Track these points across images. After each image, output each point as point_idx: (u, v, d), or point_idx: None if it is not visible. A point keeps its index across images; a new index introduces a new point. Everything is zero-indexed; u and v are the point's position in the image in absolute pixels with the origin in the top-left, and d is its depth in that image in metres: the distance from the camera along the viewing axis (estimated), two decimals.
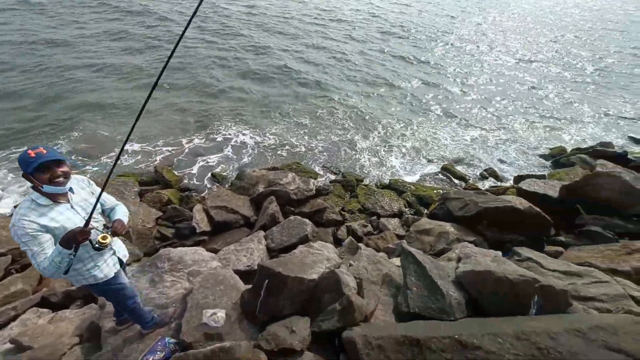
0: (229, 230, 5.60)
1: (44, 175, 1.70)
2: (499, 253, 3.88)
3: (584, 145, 10.49)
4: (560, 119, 12.82)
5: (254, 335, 2.61)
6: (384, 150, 9.99)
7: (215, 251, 4.41)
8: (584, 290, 3.13)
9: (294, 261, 3.01)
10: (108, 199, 2.24)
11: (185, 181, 7.72)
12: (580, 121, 12.82)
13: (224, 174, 8.10)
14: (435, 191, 7.85)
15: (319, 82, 13.48)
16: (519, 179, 7.90)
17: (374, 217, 6.61)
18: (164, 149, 8.78)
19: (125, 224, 2.12)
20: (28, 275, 4.29)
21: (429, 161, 9.71)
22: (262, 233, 4.67)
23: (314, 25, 21.12)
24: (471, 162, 9.82)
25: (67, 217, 1.81)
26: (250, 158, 8.90)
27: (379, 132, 10.83)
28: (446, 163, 9.46)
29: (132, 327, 2.65)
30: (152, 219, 5.94)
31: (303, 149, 9.49)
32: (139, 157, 8.35)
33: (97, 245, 1.82)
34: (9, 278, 4.22)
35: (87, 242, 1.80)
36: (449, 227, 5.23)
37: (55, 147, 1.94)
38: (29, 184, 1.75)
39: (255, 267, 3.83)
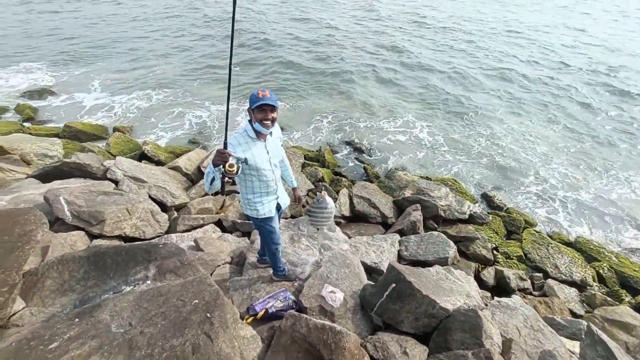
0: (365, 222, 5.61)
1: (259, 114, 2.03)
2: None
3: None
4: None
5: (363, 333, 2.45)
6: (580, 196, 7.58)
7: (347, 236, 4.49)
8: None
9: (429, 278, 2.61)
10: (284, 155, 2.54)
11: (341, 167, 8.28)
12: None
13: (375, 169, 8.17)
14: None
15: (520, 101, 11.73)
16: None
17: (538, 274, 5.12)
18: (338, 127, 9.80)
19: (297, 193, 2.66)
20: (216, 199, 5.65)
21: None
22: (397, 237, 4.40)
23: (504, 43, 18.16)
24: None
25: (259, 152, 2.14)
26: (407, 157, 8.65)
27: (579, 170, 8.31)
28: None
29: (266, 270, 2.99)
30: (305, 189, 6.67)
31: (471, 164, 8.46)
32: (315, 132, 9.64)
33: (222, 170, 1.81)
34: (206, 197, 5.68)
35: (232, 170, 1.79)
36: None
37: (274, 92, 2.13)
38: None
39: (381, 267, 3.64)
